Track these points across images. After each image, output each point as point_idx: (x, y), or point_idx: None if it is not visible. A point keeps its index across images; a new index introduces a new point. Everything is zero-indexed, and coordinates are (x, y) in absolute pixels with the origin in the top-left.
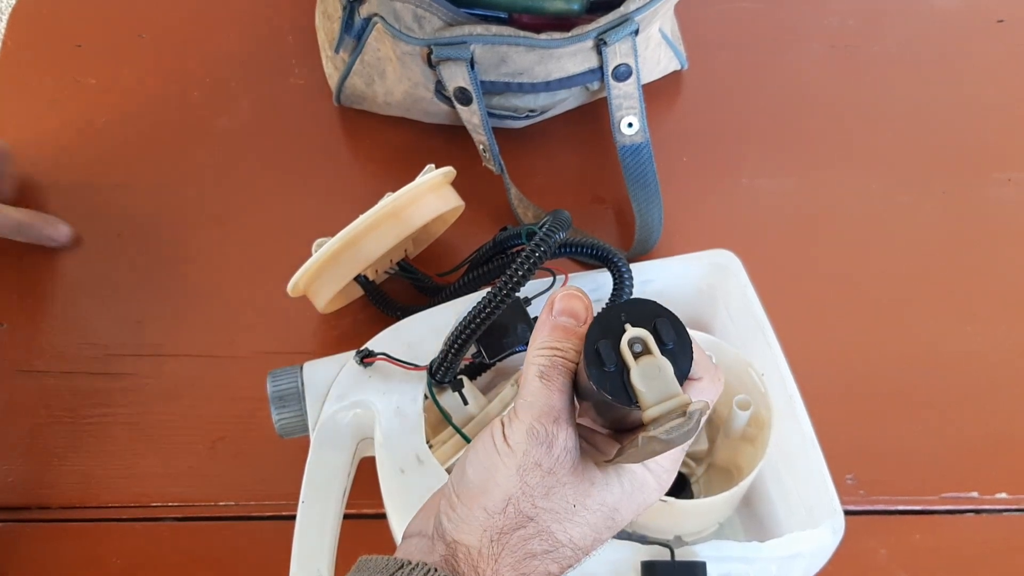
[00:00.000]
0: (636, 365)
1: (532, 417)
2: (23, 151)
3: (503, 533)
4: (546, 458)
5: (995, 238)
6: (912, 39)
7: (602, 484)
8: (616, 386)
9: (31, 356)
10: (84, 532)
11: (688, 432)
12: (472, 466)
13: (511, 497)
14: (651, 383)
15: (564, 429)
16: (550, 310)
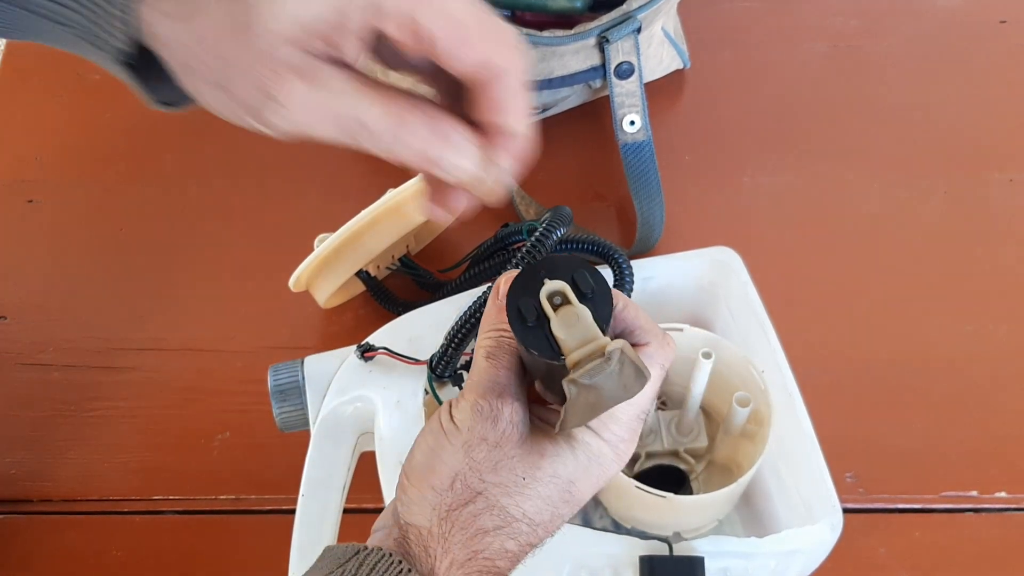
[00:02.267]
0: (555, 315)
1: (477, 394)
2: (27, 146)
3: (451, 510)
4: (492, 432)
5: (996, 238)
6: (915, 39)
7: (552, 455)
8: (539, 339)
9: (34, 349)
10: (86, 525)
11: (611, 375)
12: (419, 448)
13: (458, 473)
14: (570, 330)
15: (509, 404)
16: (495, 294)
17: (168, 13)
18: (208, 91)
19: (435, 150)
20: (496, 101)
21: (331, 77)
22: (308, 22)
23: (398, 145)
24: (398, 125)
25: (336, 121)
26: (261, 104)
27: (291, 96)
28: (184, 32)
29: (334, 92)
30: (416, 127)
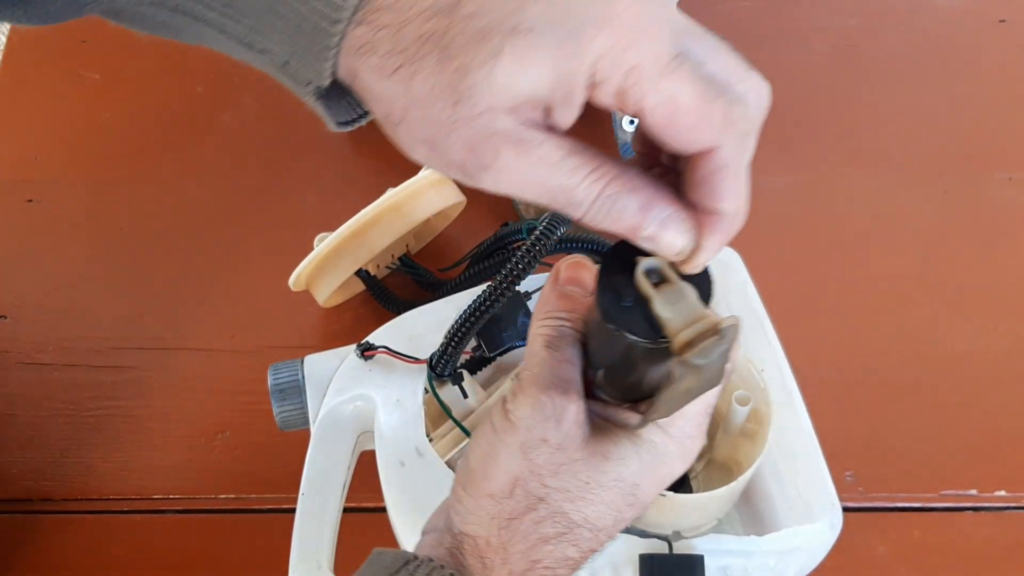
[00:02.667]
0: (657, 293)
1: (539, 389)
2: (27, 146)
3: (512, 519)
4: (554, 433)
5: (996, 237)
6: (914, 39)
7: (617, 458)
8: (637, 320)
9: (33, 349)
10: (86, 524)
11: (724, 353)
12: (474, 453)
13: (517, 478)
14: (675, 308)
15: (575, 402)
16: (555, 279)
17: (379, 69)
18: (415, 145)
19: (646, 230)
20: (710, 185)
21: (544, 148)
22: (525, 93)
23: (607, 221)
24: (610, 205)
25: (546, 192)
26: (472, 169)
27: (503, 165)
28: (396, 90)
29: (546, 164)
30: (628, 205)
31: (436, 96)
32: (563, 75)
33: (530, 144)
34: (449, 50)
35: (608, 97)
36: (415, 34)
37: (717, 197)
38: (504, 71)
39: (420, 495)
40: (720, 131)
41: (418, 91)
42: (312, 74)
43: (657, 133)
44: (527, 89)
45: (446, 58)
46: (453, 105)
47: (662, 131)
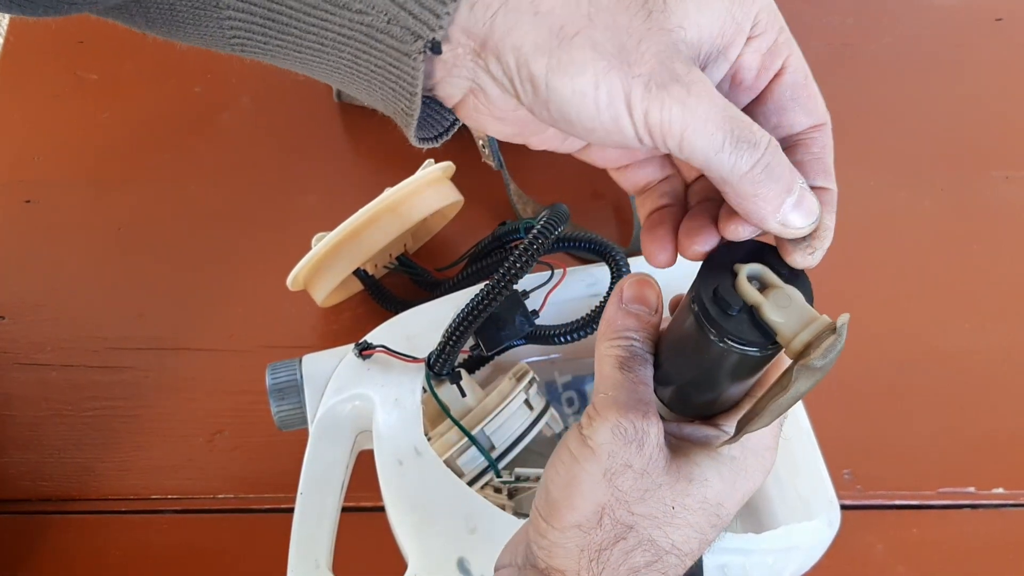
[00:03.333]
0: (766, 299)
1: (617, 413)
2: (25, 146)
3: (602, 550)
4: (637, 458)
5: (993, 235)
6: (911, 37)
7: (700, 480)
8: (747, 328)
9: (32, 349)
10: (84, 524)
11: (838, 351)
12: (553, 483)
13: (604, 506)
14: (787, 311)
15: (655, 424)
16: (619, 298)
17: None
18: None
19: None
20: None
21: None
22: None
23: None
24: (777, 155)
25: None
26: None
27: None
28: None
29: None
30: (784, 161)
31: (626, 5)
32: (735, 15)
33: (708, 82)
34: None
35: (756, 52)
36: None
37: (828, 173)
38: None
39: (418, 494)
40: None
41: (604, 1)
42: (425, 26)
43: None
44: (709, 22)
45: None
46: (646, 16)
47: (796, 91)
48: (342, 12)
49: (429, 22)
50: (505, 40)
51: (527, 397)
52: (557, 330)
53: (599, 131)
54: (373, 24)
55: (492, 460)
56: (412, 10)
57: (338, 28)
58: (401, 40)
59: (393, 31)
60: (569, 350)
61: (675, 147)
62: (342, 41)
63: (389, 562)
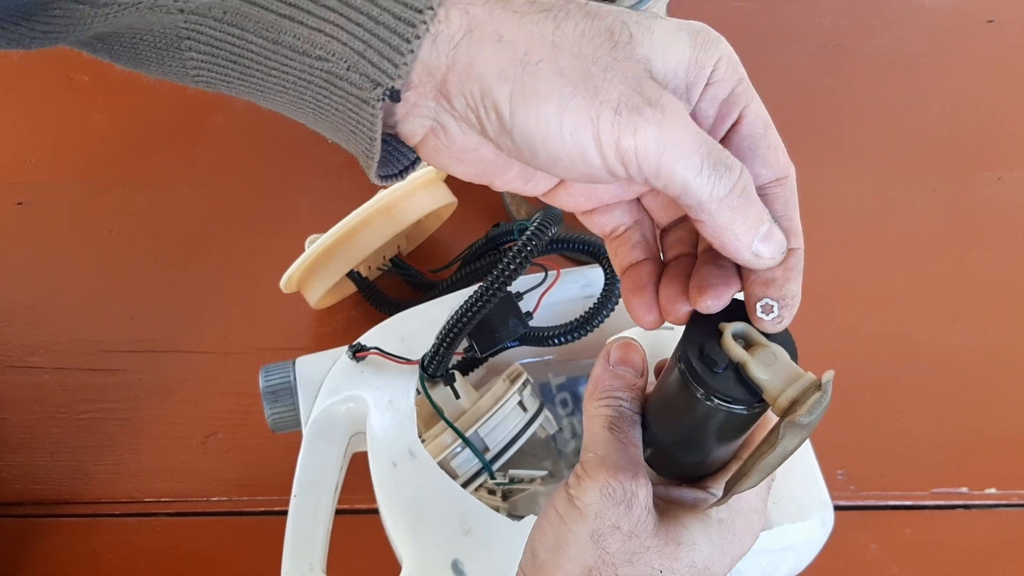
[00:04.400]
0: (751, 357)
1: (606, 474)
2: (17, 148)
3: None
4: (626, 519)
5: (985, 236)
6: (903, 39)
7: (689, 543)
8: (733, 386)
9: (24, 352)
10: (77, 527)
11: (825, 408)
12: (540, 544)
13: (591, 568)
14: (772, 369)
15: (643, 486)
16: (606, 360)
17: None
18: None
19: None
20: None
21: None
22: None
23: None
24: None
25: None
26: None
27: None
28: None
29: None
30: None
31: (590, 37)
32: (699, 58)
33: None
34: (599, 12)
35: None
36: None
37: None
38: (661, 31)
39: (412, 496)
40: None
41: (569, 31)
42: (381, 74)
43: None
44: (674, 62)
45: (596, 16)
46: (612, 46)
47: (754, 142)
48: (302, 58)
49: (388, 71)
50: (469, 70)
51: (521, 399)
52: (551, 332)
53: (564, 161)
54: (333, 71)
55: (486, 462)
56: (371, 58)
57: (298, 72)
58: (360, 87)
59: (352, 78)
60: (563, 352)
61: (652, 173)
62: (303, 85)
63: (383, 564)
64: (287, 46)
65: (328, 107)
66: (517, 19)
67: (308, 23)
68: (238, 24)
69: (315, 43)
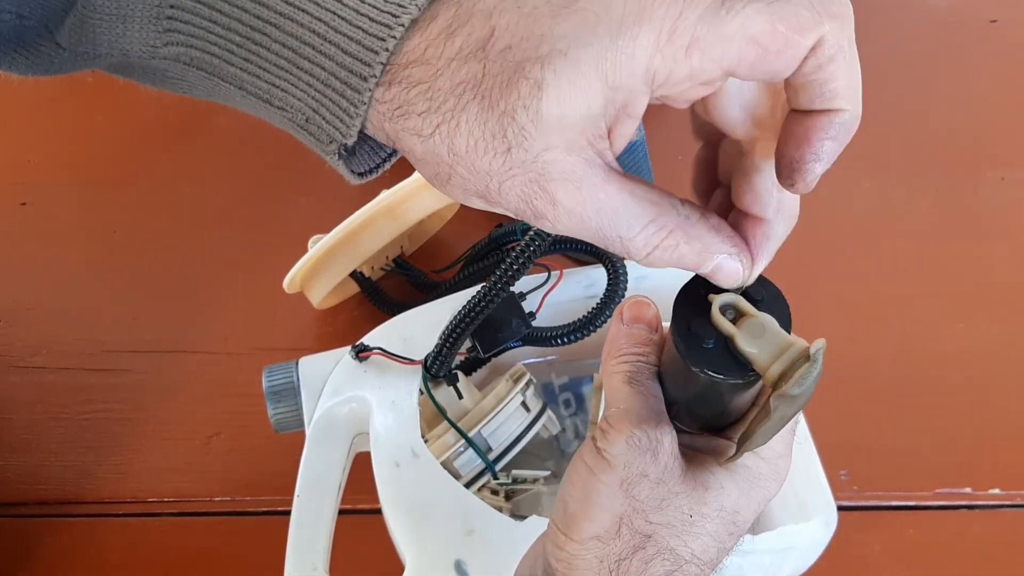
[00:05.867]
0: (739, 330)
1: (631, 424)
2: (20, 149)
3: (622, 560)
4: (653, 467)
5: (988, 236)
6: (905, 39)
7: (716, 488)
8: (724, 361)
9: (27, 352)
10: (80, 527)
11: (816, 377)
12: (571, 496)
13: (622, 517)
14: (760, 342)
15: (668, 433)
16: (620, 319)
17: (418, 132)
18: (469, 198)
19: (703, 270)
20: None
21: (604, 192)
22: (580, 118)
23: (659, 263)
24: (668, 254)
25: (603, 240)
26: (526, 214)
27: (561, 212)
28: (440, 149)
29: (606, 213)
30: (686, 253)
31: (483, 148)
32: (617, 86)
33: (590, 187)
34: (490, 95)
35: (681, 89)
36: (450, 85)
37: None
38: (552, 102)
39: (415, 496)
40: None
41: (461, 147)
42: (337, 132)
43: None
44: (581, 113)
45: (488, 106)
46: (505, 153)
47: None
48: (266, 105)
49: (340, 129)
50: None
51: (524, 399)
52: (554, 332)
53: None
54: (294, 120)
55: (489, 462)
56: (324, 115)
57: (266, 115)
58: (318, 138)
59: (311, 129)
60: (566, 352)
61: None
62: (275, 121)
63: (386, 564)
64: (251, 94)
65: (301, 139)
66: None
67: (264, 78)
68: (205, 70)
69: (274, 96)
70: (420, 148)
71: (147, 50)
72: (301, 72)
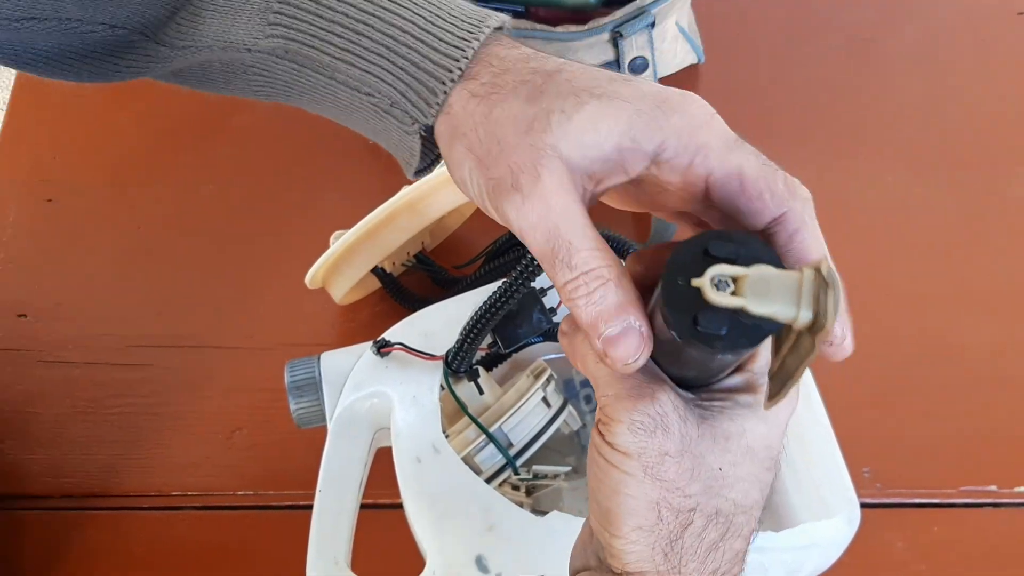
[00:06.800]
0: (746, 298)
1: (628, 410)
2: (45, 146)
3: (673, 540)
4: (669, 442)
5: (1014, 230)
6: (931, 31)
7: (738, 434)
8: (745, 334)
9: (53, 347)
10: (105, 521)
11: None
12: (600, 492)
13: (657, 501)
14: (770, 297)
15: (668, 402)
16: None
17: (472, 93)
18: (464, 158)
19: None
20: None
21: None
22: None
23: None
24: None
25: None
26: (505, 188)
27: (535, 193)
28: (479, 110)
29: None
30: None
31: (511, 122)
32: (635, 137)
33: (566, 192)
34: (542, 96)
35: (671, 172)
36: (515, 79)
37: (804, 253)
38: (584, 118)
39: (437, 491)
40: (786, 196)
41: (498, 115)
42: (420, 113)
43: (729, 204)
44: (595, 143)
45: (535, 99)
46: (524, 132)
47: (733, 201)
48: (353, 93)
49: (423, 110)
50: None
51: (545, 394)
52: None
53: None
54: (379, 105)
55: (510, 457)
56: (410, 98)
57: (349, 102)
58: (401, 121)
59: (395, 112)
60: None
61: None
62: (354, 110)
63: (407, 559)
64: (340, 82)
65: (375, 127)
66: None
67: (359, 65)
68: (297, 61)
69: (364, 82)
70: (462, 105)
71: (249, 41)
72: (397, 58)
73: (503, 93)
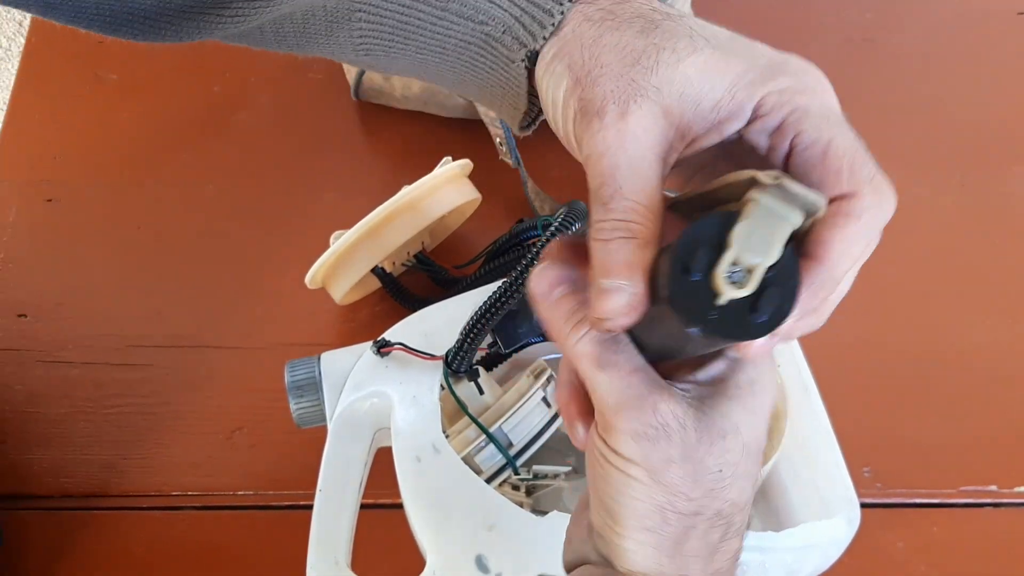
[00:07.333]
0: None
1: (629, 423)
2: (45, 146)
3: (678, 543)
4: (672, 448)
5: (1015, 231)
6: (931, 31)
7: (733, 431)
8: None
9: (53, 347)
10: (105, 521)
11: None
12: (604, 494)
13: (662, 506)
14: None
15: (668, 410)
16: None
17: (587, 16)
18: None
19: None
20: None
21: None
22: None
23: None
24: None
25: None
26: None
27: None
28: (590, 33)
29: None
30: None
31: (618, 50)
32: (737, 92)
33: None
34: (656, 30)
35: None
36: (633, 11)
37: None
38: (694, 64)
39: (437, 491)
40: (863, 183)
41: (608, 40)
42: (530, 38)
43: (803, 171)
44: (699, 95)
45: (648, 32)
46: (630, 64)
47: (809, 171)
48: (465, 23)
49: (535, 33)
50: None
51: (545, 394)
52: None
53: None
54: (491, 34)
55: (510, 457)
56: (525, 23)
57: (460, 36)
58: (510, 48)
59: (505, 40)
60: None
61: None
62: (462, 47)
63: (408, 559)
64: (454, 12)
65: (482, 66)
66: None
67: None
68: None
69: (480, 9)
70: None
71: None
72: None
73: (618, 21)
